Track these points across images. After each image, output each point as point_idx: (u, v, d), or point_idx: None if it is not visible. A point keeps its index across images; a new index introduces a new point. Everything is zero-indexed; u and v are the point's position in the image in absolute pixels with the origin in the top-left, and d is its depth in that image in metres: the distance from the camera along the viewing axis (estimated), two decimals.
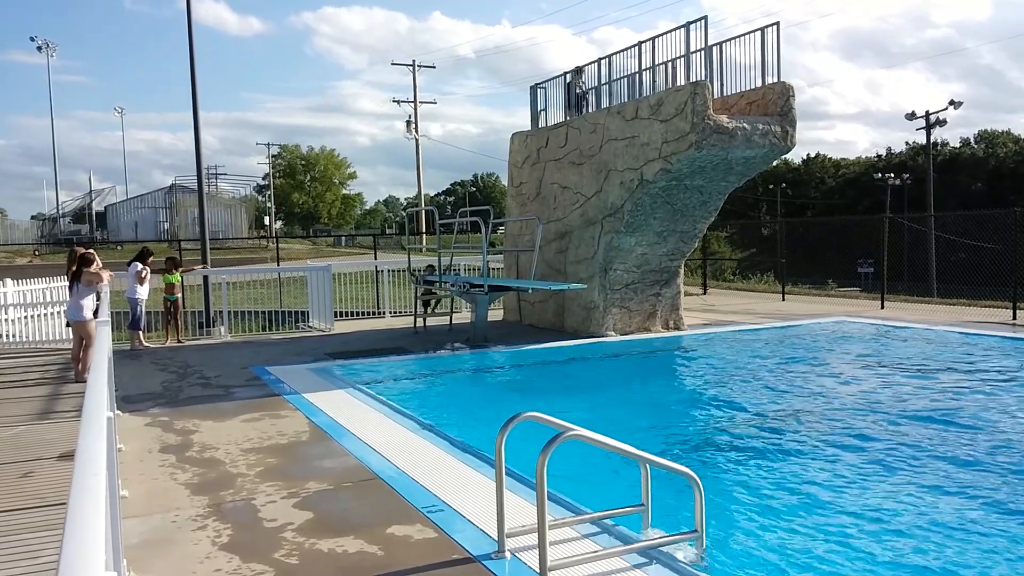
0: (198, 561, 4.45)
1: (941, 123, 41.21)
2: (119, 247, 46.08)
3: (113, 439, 4.28)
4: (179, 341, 14.24)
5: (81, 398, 3.90)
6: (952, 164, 60.85)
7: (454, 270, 17.75)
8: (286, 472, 6.16)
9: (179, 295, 14.47)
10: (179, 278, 14.37)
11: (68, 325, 11.65)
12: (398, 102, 53.59)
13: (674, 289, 14.43)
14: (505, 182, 19.43)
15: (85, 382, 5.21)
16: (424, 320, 15.69)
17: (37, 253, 48.65)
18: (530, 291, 14.17)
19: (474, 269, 17.96)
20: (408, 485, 5.69)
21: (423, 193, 54.96)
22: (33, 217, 75.97)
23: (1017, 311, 15.31)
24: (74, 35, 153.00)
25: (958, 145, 66.67)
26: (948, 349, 12.32)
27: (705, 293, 22.85)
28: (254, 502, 5.45)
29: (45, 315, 14.59)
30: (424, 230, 40.17)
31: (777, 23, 12.09)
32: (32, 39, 65.97)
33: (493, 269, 17.22)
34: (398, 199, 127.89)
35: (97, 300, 10.48)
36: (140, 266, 13.26)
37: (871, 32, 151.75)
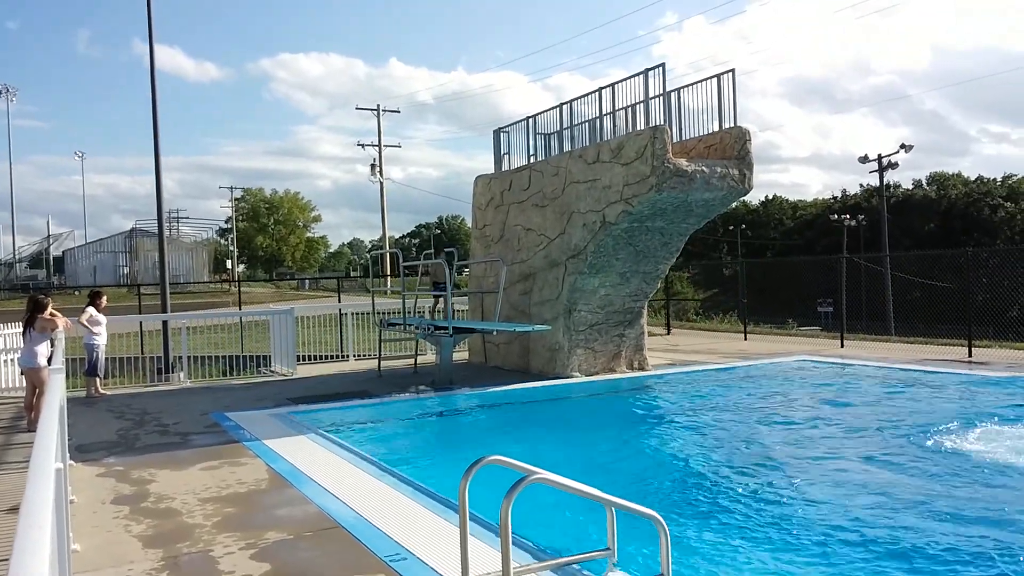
0: None
1: (893, 166, 42.45)
2: (76, 292, 45.16)
3: (63, 491, 4.14)
4: None
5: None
6: (905, 205, 62.59)
7: (419, 312, 17.68)
8: (245, 522, 6.00)
9: None
10: None
11: (22, 373, 11.35)
12: (362, 145, 53.76)
13: (638, 329, 14.52)
14: (469, 224, 19.50)
15: None
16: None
17: None
18: (495, 333, 14.15)
19: (438, 311, 17.89)
20: (370, 533, 5.58)
21: (388, 235, 54.91)
22: None
23: (972, 348, 15.65)
24: (28, 80, 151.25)
25: (910, 187, 68.69)
26: (911, 388, 12.51)
27: (669, 333, 23.02)
28: (211, 554, 5.30)
29: None
30: (389, 273, 40.04)
31: (732, 70, 12.44)
32: None
33: (458, 311, 17.18)
34: (362, 241, 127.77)
35: (51, 347, 10.23)
36: (91, 311, 12.85)
37: (818, 80, 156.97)
